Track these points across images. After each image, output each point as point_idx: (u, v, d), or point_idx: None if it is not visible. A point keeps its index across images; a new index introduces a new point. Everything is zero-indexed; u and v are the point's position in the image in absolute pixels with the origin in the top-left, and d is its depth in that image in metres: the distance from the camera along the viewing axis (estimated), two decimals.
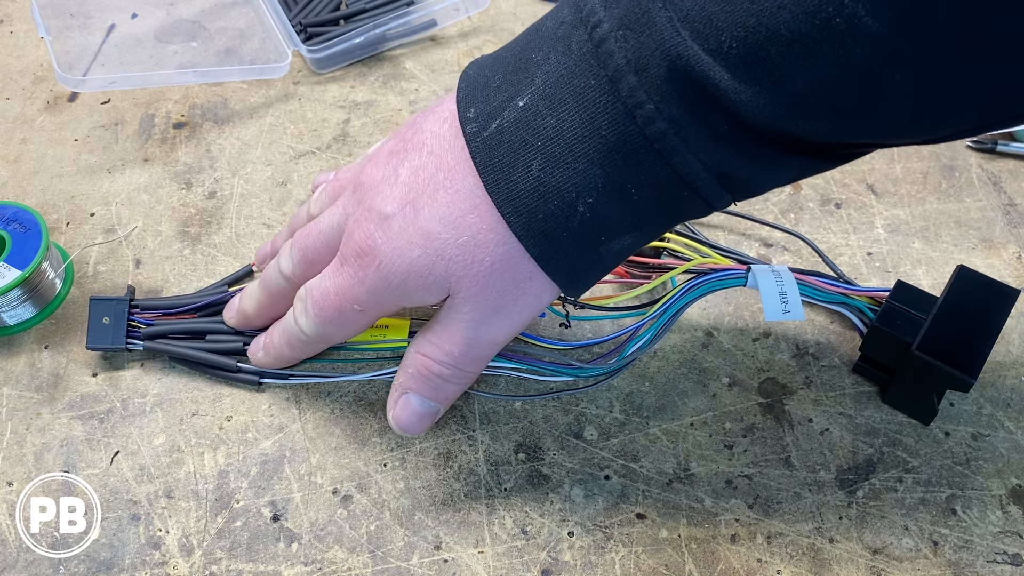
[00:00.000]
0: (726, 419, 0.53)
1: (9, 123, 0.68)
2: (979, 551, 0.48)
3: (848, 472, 0.51)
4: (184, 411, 0.53)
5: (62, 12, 0.74)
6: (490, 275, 0.41)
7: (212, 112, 0.69)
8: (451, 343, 0.44)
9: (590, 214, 0.38)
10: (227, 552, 0.48)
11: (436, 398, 0.46)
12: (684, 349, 0.56)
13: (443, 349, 0.44)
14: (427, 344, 0.45)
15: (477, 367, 0.45)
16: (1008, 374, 0.54)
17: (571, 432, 0.52)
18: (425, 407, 0.47)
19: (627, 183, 0.37)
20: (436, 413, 0.47)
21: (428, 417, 0.47)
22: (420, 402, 0.46)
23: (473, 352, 0.44)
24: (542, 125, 0.38)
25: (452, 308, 0.43)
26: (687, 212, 0.40)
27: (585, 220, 0.38)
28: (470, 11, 0.75)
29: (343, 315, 0.45)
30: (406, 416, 0.47)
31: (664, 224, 0.41)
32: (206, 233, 0.61)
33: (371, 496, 0.50)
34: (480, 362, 0.45)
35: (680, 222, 0.43)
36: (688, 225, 0.61)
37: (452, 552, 0.48)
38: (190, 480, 0.51)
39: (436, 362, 0.44)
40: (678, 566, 0.48)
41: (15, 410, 0.53)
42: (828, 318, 0.57)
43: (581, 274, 0.41)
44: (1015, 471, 0.50)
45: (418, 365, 0.45)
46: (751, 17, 0.32)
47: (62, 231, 0.62)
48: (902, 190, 0.63)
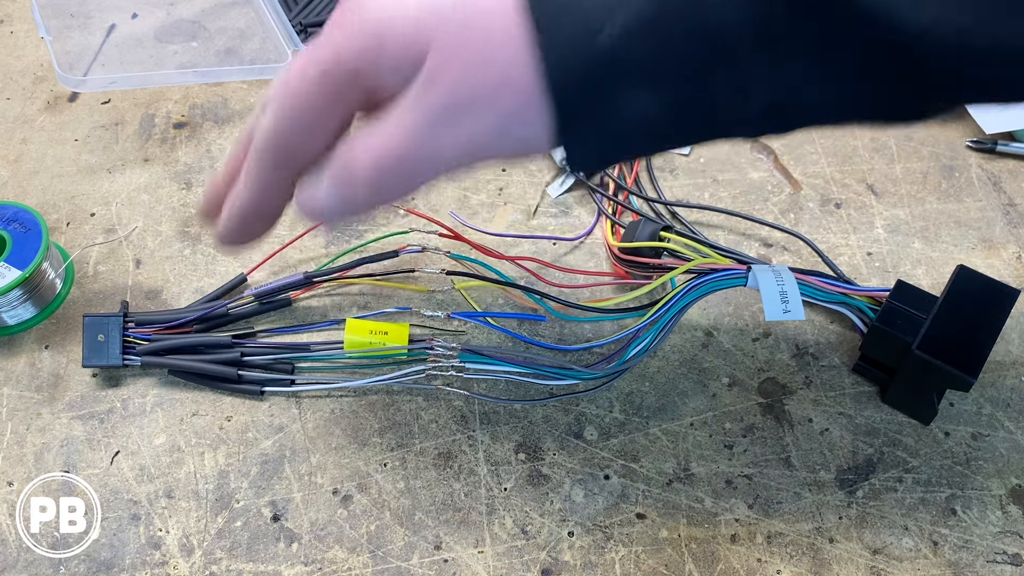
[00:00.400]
0: (726, 419, 0.53)
1: (9, 123, 0.68)
2: (979, 551, 0.48)
3: (848, 472, 0.51)
4: (184, 411, 0.53)
5: (62, 12, 0.74)
6: (473, 46, 0.33)
7: (212, 112, 0.69)
8: (390, 135, 0.35)
9: (612, 43, 0.32)
10: (227, 552, 0.48)
11: (343, 198, 0.37)
12: (684, 349, 0.56)
13: (377, 141, 0.35)
14: (365, 134, 0.36)
15: (403, 186, 0.37)
16: (1008, 374, 0.54)
17: (571, 432, 0.52)
18: (329, 202, 0.38)
19: (661, 21, 0.31)
20: (339, 214, 0.38)
21: (330, 215, 0.38)
22: (327, 195, 0.38)
23: (411, 156, 0.35)
24: None
25: (410, 93, 0.34)
26: (716, 96, 0.33)
27: (607, 48, 0.32)
28: None
29: (312, 83, 0.36)
30: (308, 202, 0.38)
31: (689, 106, 0.34)
32: (206, 233, 0.61)
33: (371, 496, 0.50)
34: (410, 179, 0.36)
35: (706, 122, 0.35)
36: (688, 225, 0.61)
37: (452, 552, 0.48)
38: (190, 480, 0.51)
39: (363, 154, 0.36)
40: (678, 566, 0.48)
41: (15, 410, 0.53)
42: (828, 318, 0.57)
43: (585, 117, 0.34)
44: (1015, 471, 0.50)
45: (343, 153, 0.37)
46: None
47: (62, 231, 0.62)
48: (902, 190, 0.63)
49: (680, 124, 0.35)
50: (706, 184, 0.64)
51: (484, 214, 0.63)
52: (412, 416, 0.53)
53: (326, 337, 0.56)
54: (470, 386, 0.54)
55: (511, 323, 0.56)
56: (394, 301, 0.58)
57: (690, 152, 0.66)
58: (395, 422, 0.53)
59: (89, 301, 0.58)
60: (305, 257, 0.61)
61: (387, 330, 0.53)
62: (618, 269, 0.58)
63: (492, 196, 0.64)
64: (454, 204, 0.63)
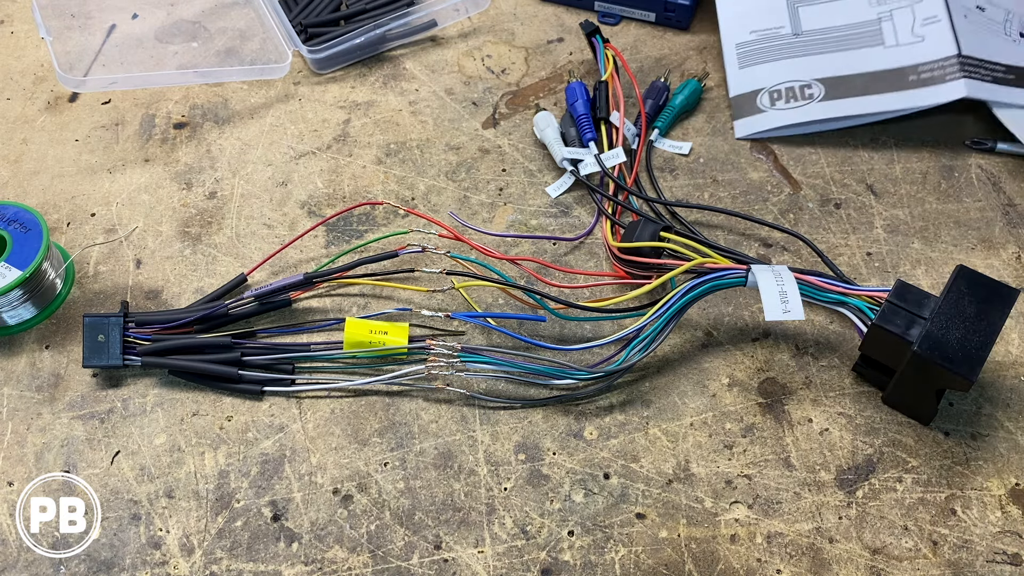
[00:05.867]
0: (726, 419, 0.53)
1: (10, 123, 0.69)
2: (978, 551, 0.48)
3: (848, 472, 0.51)
4: (184, 411, 0.53)
5: (63, 12, 0.74)
6: None
7: (212, 112, 0.69)
8: None
9: None
10: (227, 552, 0.48)
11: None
12: (684, 349, 0.56)
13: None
14: None
15: None
16: (1008, 374, 0.54)
17: (571, 432, 0.52)
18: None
19: None
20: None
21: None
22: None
23: None
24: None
25: None
26: None
27: None
28: (470, 11, 0.75)
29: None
30: None
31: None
32: (207, 233, 0.62)
33: (371, 496, 0.50)
34: None
35: None
36: (688, 225, 0.61)
37: (452, 552, 0.48)
38: (190, 480, 0.51)
39: None
40: (678, 566, 0.48)
41: (16, 410, 0.53)
42: (828, 318, 0.57)
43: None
44: (1014, 471, 0.50)
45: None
46: None
47: (63, 231, 0.62)
48: (901, 190, 0.63)
49: None
50: (706, 184, 0.64)
51: (484, 214, 0.63)
52: (412, 416, 0.53)
53: (326, 337, 0.56)
54: (470, 386, 0.54)
55: (511, 323, 0.56)
56: (394, 301, 0.58)
57: (690, 152, 0.66)
58: (395, 422, 0.53)
59: (89, 301, 0.58)
60: (305, 257, 0.61)
61: (387, 330, 0.53)
62: (618, 269, 0.58)
63: (492, 196, 0.64)
64: (454, 204, 0.63)
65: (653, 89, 0.68)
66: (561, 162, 0.64)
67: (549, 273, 0.59)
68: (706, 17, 0.74)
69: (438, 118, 0.68)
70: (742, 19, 0.68)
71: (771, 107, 0.65)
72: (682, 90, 0.68)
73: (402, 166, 0.65)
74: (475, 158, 0.66)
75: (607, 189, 0.63)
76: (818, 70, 0.65)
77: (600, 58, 0.69)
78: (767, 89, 0.66)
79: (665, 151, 0.66)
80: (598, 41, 0.69)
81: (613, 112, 0.65)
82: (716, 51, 0.72)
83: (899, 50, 0.64)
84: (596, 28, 0.70)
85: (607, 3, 0.74)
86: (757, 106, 0.66)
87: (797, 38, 0.66)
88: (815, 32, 0.66)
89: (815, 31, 0.66)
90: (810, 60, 0.65)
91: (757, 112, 0.66)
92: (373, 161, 0.66)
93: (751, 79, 0.67)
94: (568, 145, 0.65)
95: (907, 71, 0.64)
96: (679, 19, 0.73)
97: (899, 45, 0.65)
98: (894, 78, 0.64)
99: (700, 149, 0.66)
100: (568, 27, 0.74)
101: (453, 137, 0.67)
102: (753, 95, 0.66)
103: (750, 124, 0.66)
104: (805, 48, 0.66)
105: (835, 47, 0.66)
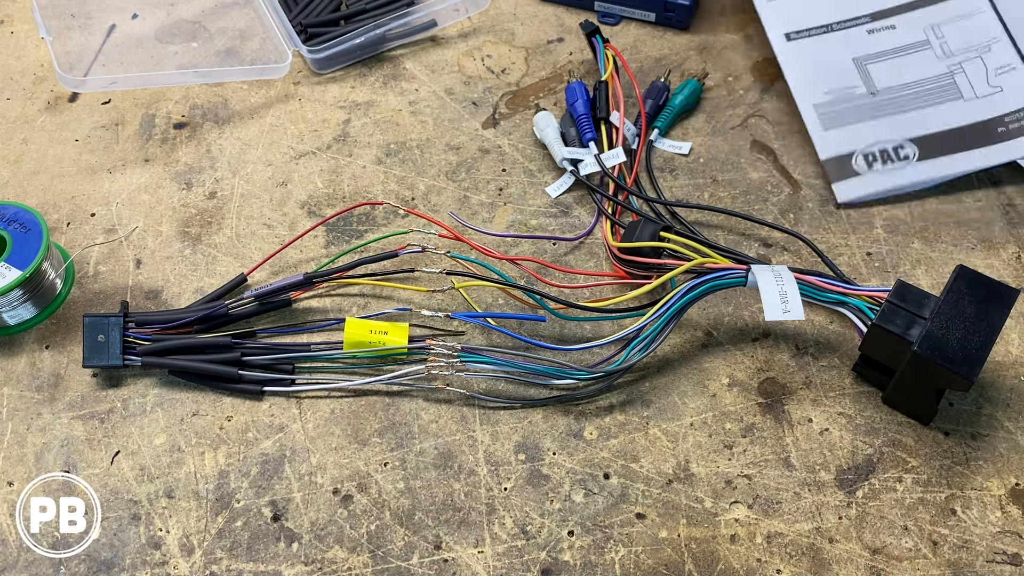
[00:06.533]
0: (726, 419, 0.53)
1: (10, 123, 0.69)
2: (978, 551, 0.48)
3: (848, 472, 0.51)
4: (184, 411, 0.53)
5: (62, 12, 0.74)
6: None
7: (212, 112, 0.69)
8: None
9: None
10: (227, 552, 0.48)
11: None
12: (684, 349, 0.56)
13: None
14: None
15: None
16: (1008, 374, 0.54)
17: (571, 432, 0.52)
18: None
19: None
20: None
21: None
22: None
23: None
24: None
25: None
26: None
27: None
28: (470, 11, 0.75)
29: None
30: None
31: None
32: (207, 233, 0.62)
33: (371, 496, 0.50)
34: None
35: None
36: (688, 225, 0.61)
37: (452, 552, 0.48)
38: (190, 480, 0.51)
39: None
40: (678, 566, 0.48)
41: (16, 410, 0.53)
42: (828, 318, 0.57)
43: None
44: (1014, 471, 0.50)
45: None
46: None
47: (63, 231, 0.62)
48: None
49: None
50: (706, 184, 0.64)
51: (484, 214, 0.63)
52: (412, 416, 0.53)
53: (326, 337, 0.56)
54: (470, 386, 0.54)
55: (511, 323, 0.56)
56: (394, 301, 0.58)
57: (690, 152, 0.66)
58: (395, 422, 0.53)
59: (89, 301, 0.58)
60: (305, 257, 0.61)
61: (387, 330, 0.53)
62: (618, 269, 0.58)
63: (492, 196, 0.64)
64: (454, 204, 0.63)
65: (653, 89, 0.68)
66: (561, 162, 0.64)
67: (549, 273, 0.59)
68: (706, 17, 0.74)
69: (438, 118, 0.68)
70: (813, 83, 0.66)
71: (869, 170, 0.63)
72: (682, 90, 0.68)
73: (402, 166, 0.65)
74: (475, 158, 0.66)
75: (607, 189, 0.63)
76: (906, 129, 0.64)
77: (600, 58, 0.69)
78: (860, 151, 0.64)
79: (665, 151, 0.66)
80: (598, 41, 0.69)
81: (613, 112, 0.65)
82: (716, 51, 0.72)
83: (979, 103, 0.63)
84: (596, 28, 0.70)
85: (607, 3, 0.74)
86: (853, 169, 0.63)
87: (875, 97, 0.65)
88: (891, 90, 0.64)
89: (891, 88, 0.64)
90: (894, 120, 0.64)
91: (854, 175, 0.63)
92: (373, 161, 0.66)
93: (839, 141, 0.64)
94: (568, 145, 0.65)
95: (994, 123, 0.63)
96: (679, 19, 0.73)
97: (978, 97, 0.64)
98: (983, 131, 0.63)
99: (700, 149, 0.66)
100: (568, 27, 0.74)
101: (453, 137, 0.67)
102: (847, 158, 0.63)
103: (852, 188, 0.63)
104: (886, 107, 0.64)
105: (915, 104, 0.64)
